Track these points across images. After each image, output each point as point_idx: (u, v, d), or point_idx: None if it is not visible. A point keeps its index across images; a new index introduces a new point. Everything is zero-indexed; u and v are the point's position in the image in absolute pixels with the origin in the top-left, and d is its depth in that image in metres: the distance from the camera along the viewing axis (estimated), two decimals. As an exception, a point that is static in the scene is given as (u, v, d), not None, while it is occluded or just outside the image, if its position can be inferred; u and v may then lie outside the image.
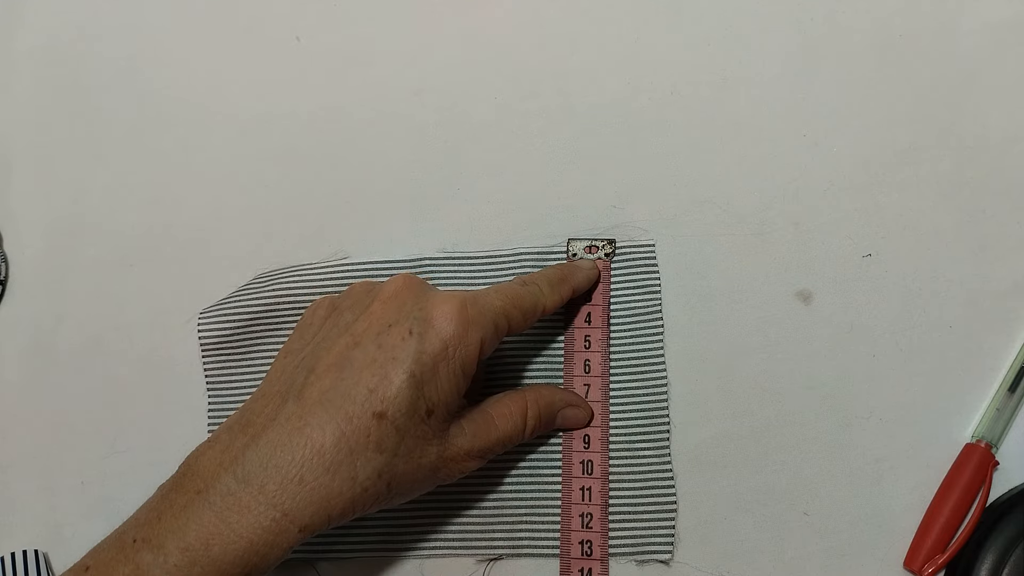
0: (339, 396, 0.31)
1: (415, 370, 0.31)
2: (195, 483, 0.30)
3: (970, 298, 0.39)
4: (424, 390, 0.31)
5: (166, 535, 0.29)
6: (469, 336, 0.32)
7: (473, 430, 0.34)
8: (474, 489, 0.38)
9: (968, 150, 0.40)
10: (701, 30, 0.43)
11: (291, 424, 0.30)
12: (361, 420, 0.30)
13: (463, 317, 0.32)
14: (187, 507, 0.29)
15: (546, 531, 0.37)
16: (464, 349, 0.32)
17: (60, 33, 0.47)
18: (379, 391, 0.31)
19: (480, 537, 0.38)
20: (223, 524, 0.29)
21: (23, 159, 0.46)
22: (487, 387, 0.39)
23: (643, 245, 0.40)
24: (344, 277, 0.41)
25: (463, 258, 0.41)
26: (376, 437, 0.30)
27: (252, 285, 0.42)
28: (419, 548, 0.38)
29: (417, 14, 0.45)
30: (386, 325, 0.32)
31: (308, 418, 0.30)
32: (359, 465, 0.30)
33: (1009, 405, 0.37)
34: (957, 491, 0.36)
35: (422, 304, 0.33)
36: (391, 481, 0.31)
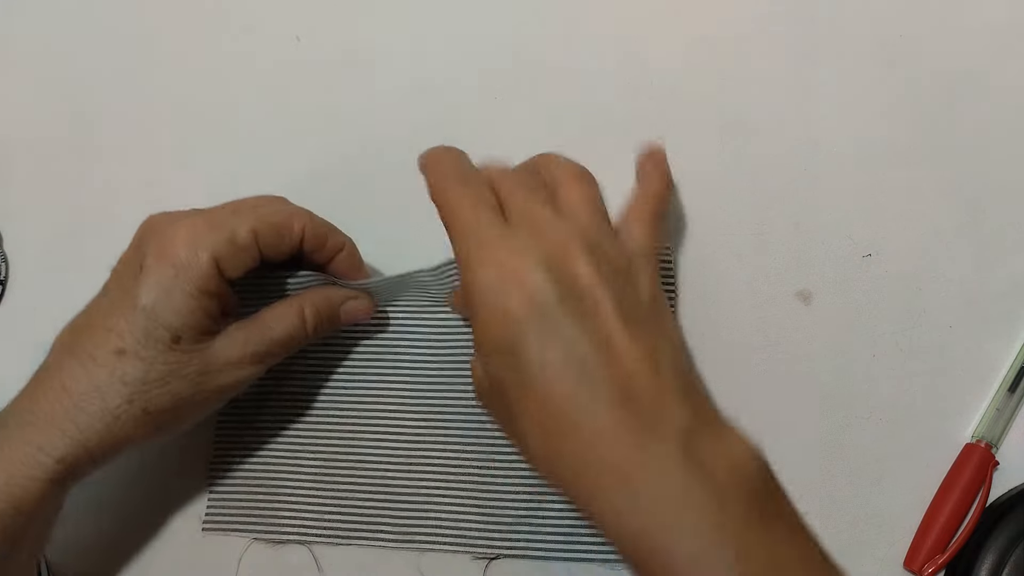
0: (84, 340, 0.33)
1: (145, 302, 0.33)
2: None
3: (970, 298, 0.39)
4: (161, 319, 0.33)
5: None
6: (199, 254, 0.33)
7: (244, 337, 0.35)
8: (475, 486, 0.38)
9: (968, 150, 0.40)
10: (701, 30, 0.43)
11: (47, 374, 0.34)
12: (104, 358, 0.33)
13: (191, 239, 0.33)
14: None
15: (546, 532, 0.37)
16: (196, 269, 0.33)
17: (60, 33, 0.47)
18: (116, 329, 0.33)
19: (478, 535, 0.38)
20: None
21: (23, 159, 0.46)
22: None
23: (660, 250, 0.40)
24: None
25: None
26: (120, 372, 0.33)
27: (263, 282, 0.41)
28: (417, 541, 0.38)
29: (417, 14, 0.45)
30: (125, 266, 0.35)
31: (61, 365, 0.33)
32: (108, 398, 0.33)
33: (1009, 405, 0.37)
34: (957, 491, 0.36)
35: (156, 237, 0.34)
36: (147, 406, 0.33)
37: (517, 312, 0.29)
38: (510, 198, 0.33)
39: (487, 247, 0.31)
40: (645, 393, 0.29)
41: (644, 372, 0.29)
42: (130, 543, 0.40)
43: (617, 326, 0.29)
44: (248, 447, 0.40)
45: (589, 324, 0.29)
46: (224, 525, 0.40)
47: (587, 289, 0.30)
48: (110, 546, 0.40)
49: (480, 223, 0.32)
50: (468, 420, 0.39)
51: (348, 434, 0.40)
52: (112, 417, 0.33)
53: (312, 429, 0.40)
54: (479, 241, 0.31)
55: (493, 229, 0.31)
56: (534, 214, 0.32)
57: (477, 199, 0.32)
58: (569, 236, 0.31)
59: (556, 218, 0.32)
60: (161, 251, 0.33)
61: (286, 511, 0.39)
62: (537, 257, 0.30)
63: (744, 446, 0.29)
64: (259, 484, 0.40)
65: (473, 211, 0.32)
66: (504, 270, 0.30)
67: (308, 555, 0.39)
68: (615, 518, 0.28)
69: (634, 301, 0.31)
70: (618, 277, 0.31)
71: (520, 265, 0.30)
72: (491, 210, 0.32)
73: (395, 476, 0.39)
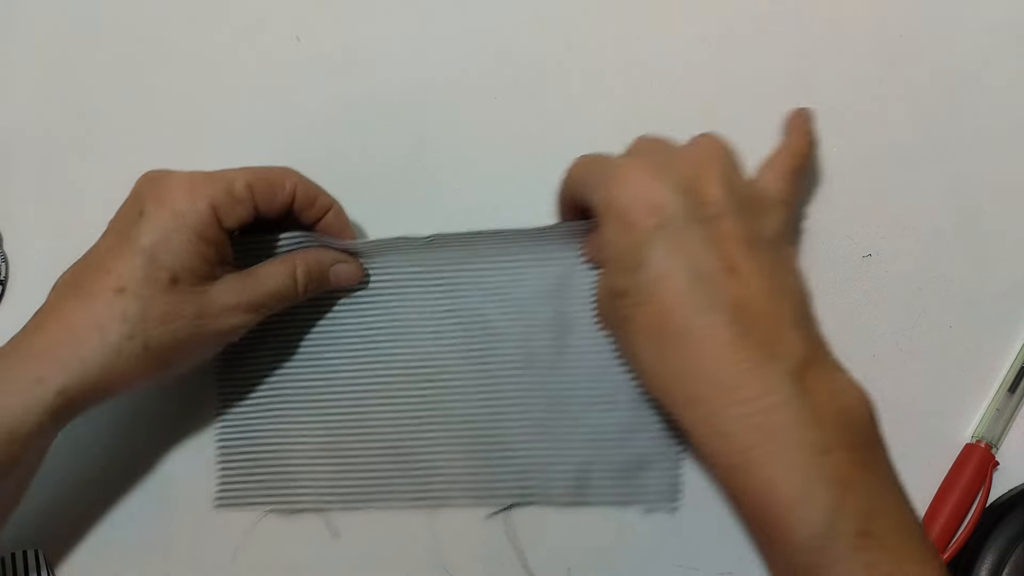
0: (85, 281, 0.34)
1: (145, 243, 0.34)
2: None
3: (970, 298, 0.39)
4: (160, 260, 0.34)
5: None
6: (197, 202, 0.35)
7: (239, 287, 0.36)
8: (484, 439, 0.39)
9: (968, 150, 0.40)
10: (701, 30, 0.43)
11: (47, 312, 0.34)
12: (104, 296, 0.34)
13: (190, 187, 0.35)
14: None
15: (556, 479, 0.38)
16: (195, 215, 0.34)
17: (60, 33, 0.47)
18: (116, 270, 0.34)
19: (490, 487, 0.38)
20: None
21: (23, 159, 0.46)
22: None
23: None
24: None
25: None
26: (120, 308, 0.33)
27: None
28: (431, 498, 0.39)
29: (417, 14, 0.45)
30: (123, 214, 0.36)
31: (61, 304, 0.34)
32: (108, 332, 0.33)
33: (1009, 405, 0.37)
34: (957, 491, 0.36)
35: (155, 186, 0.35)
36: (147, 342, 0.34)
37: (645, 223, 0.31)
38: (640, 144, 0.35)
39: (621, 168, 0.33)
40: (763, 317, 0.30)
41: (764, 296, 0.30)
42: (141, 519, 0.41)
43: (742, 249, 0.30)
44: (254, 419, 0.41)
45: (715, 242, 0.30)
46: (236, 499, 0.40)
47: (716, 209, 0.31)
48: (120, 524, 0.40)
49: (610, 158, 0.34)
50: (473, 375, 0.40)
51: (354, 397, 0.40)
52: (113, 352, 0.33)
53: (318, 395, 0.40)
54: (613, 165, 0.33)
55: (624, 157, 0.34)
56: (667, 148, 0.34)
57: (607, 155, 0.35)
58: (702, 161, 0.32)
59: (688, 149, 0.34)
60: (160, 198, 0.35)
61: (298, 480, 0.40)
62: (670, 175, 0.32)
63: (855, 390, 0.30)
64: (268, 455, 0.40)
65: (602, 157, 0.35)
66: (637, 186, 0.32)
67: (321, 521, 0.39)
68: (717, 439, 0.29)
69: (760, 232, 0.32)
70: (749, 208, 0.32)
71: (653, 180, 0.31)
72: (618, 157, 0.35)
73: (404, 435, 0.39)
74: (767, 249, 0.31)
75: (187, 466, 0.41)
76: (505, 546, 0.38)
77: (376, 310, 0.41)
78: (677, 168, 0.32)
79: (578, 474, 0.38)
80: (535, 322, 0.39)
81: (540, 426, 0.39)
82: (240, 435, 0.41)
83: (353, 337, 0.41)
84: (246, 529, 0.40)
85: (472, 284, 0.40)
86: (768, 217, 0.33)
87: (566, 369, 0.39)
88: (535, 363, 0.39)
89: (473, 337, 0.40)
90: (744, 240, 0.31)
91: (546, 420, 0.39)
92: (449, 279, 0.40)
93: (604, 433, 0.38)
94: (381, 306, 0.41)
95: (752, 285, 0.30)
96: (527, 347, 0.39)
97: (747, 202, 0.32)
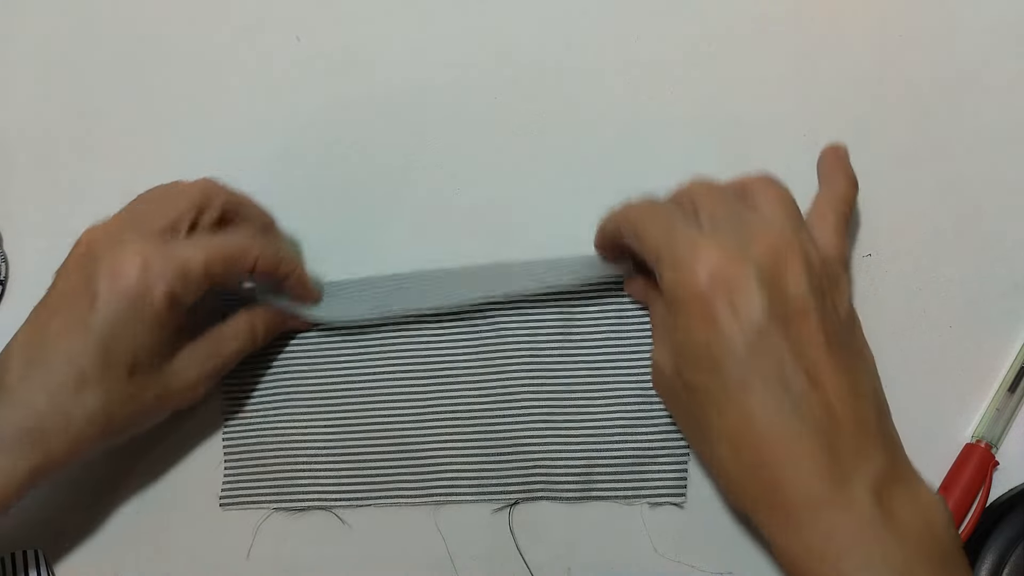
0: (45, 363, 0.34)
1: (102, 333, 0.33)
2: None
3: (970, 298, 0.39)
4: (119, 349, 0.34)
5: None
6: (154, 290, 0.34)
7: (202, 357, 0.37)
8: (488, 435, 0.39)
9: (968, 150, 0.40)
10: (701, 30, 0.43)
11: (14, 392, 0.34)
12: (66, 385, 0.34)
13: (144, 271, 0.34)
14: None
15: (561, 474, 0.38)
16: (151, 306, 0.34)
17: (60, 33, 0.47)
18: (75, 358, 0.33)
19: (495, 482, 0.38)
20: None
21: (23, 159, 0.46)
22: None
23: None
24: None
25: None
26: (83, 400, 0.34)
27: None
28: (436, 495, 0.39)
29: (417, 14, 0.45)
30: (78, 287, 0.34)
31: (25, 385, 0.34)
32: (72, 420, 0.34)
33: (1009, 405, 0.37)
34: (957, 491, 0.36)
35: (107, 265, 0.34)
36: (109, 424, 0.35)
37: (724, 320, 0.29)
38: (703, 202, 0.32)
39: (697, 248, 0.30)
40: (846, 428, 0.29)
41: (847, 405, 0.29)
42: (141, 519, 0.41)
43: (822, 351, 0.29)
44: (259, 418, 0.41)
45: (797, 345, 0.29)
46: (242, 500, 0.40)
47: (798, 306, 0.29)
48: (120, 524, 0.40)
49: (678, 227, 0.31)
50: (478, 370, 0.40)
51: (359, 394, 0.40)
52: (76, 433, 0.34)
53: (323, 393, 0.41)
54: (686, 239, 0.30)
55: (694, 229, 0.31)
56: (736, 214, 0.31)
57: (669, 210, 0.33)
58: (780, 240, 0.30)
59: (760, 219, 0.31)
60: (114, 282, 0.34)
61: (303, 478, 0.40)
62: (751, 263, 0.29)
63: (935, 504, 0.29)
64: (274, 454, 0.40)
65: (667, 218, 0.32)
66: (717, 275, 0.29)
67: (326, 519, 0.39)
68: (798, 549, 0.29)
69: (835, 319, 0.31)
70: (823, 290, 0.31)
71: (734, 271, 0.29)
72: (686, 216, 0.32)
73: (409, 431, 0.39)
74: (845, 344, 0.31)
75: (189, 465, 0.41)
76: (508, 543, 0.38)
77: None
78: (757, 252, 0.30)
79: (584, 469, 0.38)
80: (540, 318, 0.39)
81: (545, 421, 0.39)
82: (245, 434, 0.41)
83: (358, 334, 0.41)
84: (252, 528, 0.40)
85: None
86: (839, 292, 0.32)
87: (571, 363, 0.39)
88: (540, 358, 0.39)
89: (478, 332, 0.40)
90: (825, 341, 0.30)
91: (551, 415, 0.39)
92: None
93: (610, 427, 0.38)
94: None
95: (835, 395, 0.29)
96: (532, 342, 0.39)
97: (821, 283, 0.31)
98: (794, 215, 0.32)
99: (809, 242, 0.31)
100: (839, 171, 0.37)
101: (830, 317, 0.30)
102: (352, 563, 0.39)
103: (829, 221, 0.34)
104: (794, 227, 0.31)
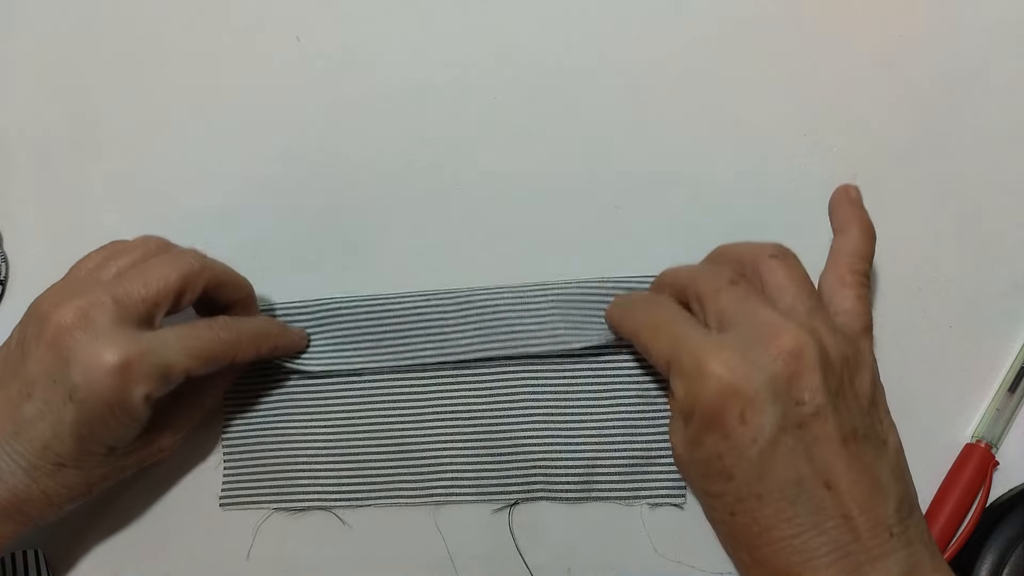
0: (21, 448, 0.33)
1: (78, 432, 0.33)
2: None
3: (970, 298, 0.39)
4: (94, 442, 0.34)
5: None
6: (133, 398, 0.32)
7: (177, 424, 0.37)
8: (488, 435, 0.39)
9: (968, 150, 0.40)
10: (701, 30, 0.43)
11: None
12: (43, 469, 0.33)
13: (124, 380, 0.32)
14: None
15: (561, 474, 0.38)
16: (130, 409, 0.33)
17: (60, 33, 0.47)
18: (52, 447, 0.33)
19: (496, 483, 0.38)
20: None
21: (23, 159, 0.46)
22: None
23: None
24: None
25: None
26: (61, 479, 0.34)
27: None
28: (436, 495, 0.39)
29: (417, 14, 0.45)
30: (50, 380, 0.32)
31: (3, 468, 0.33)
32: (51, 493, 0.34)
33: (1009, 405, 0.37)
34: (957, 491, 0.36)
35: (84, 356, 0.32)
36: (89, 490, 0.36)
37: (738, 437, 0.29)
38: (709, 299, 0.32)
39: (705, 360, 0.29)
40: (862, 534, 0.29)
41: (863, 507, 0.29)
42: (141, 519, 0.40)
43: (838, 452, 0.29)
44: (259, 419, 0.41)
45: (810, 451, 0.29)
46: (242, 500, 0.40)
47: (812, 407, 0.29)
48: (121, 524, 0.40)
49: (685, 335, 0.31)
50: (478, 370, 0.40)
51: (359, 394, 0.40)
52: (58, 501, 0.35)
53: (322, 393, 0.41)
54: (694, 352, 0.30)
55: (700, 336, 0.30)
56: (745, 310, 0.30)
57: (673, 316, 0.32)
58: (793, 342, 0.29)
59: (770, 315, 0.30)
60: (91, 384, 0.32)
61: (303, 479, 0.40)
62: (761, 373, 0.29)
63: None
64: (273, 454, 0.40)
65: (673, 327, 0.32)
66: (726, 389, 0.29)
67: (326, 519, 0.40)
68: None
69: (855, 407, 0.30)
70: (841, 384, 0.30)
71: (743, 384, 0.29)
72: (691, 319, 0.32)
73: (410, 434, 0.39)
74: (865, 434, 0.30)
75: (189, 465, 0.41)
76: (508, 543, 0.38)
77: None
78: (768, 358, 0.29)
79: (584, 469, 0.38)
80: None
81: (546, 423, 0.39)
82: (245, 434, 0.41)
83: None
84: (252, 528, 0.40)
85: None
86: (861, 374, 0.31)
87: (572, 365, 0.39)
88: (541, 360, 0.39)
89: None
90: (840, 439, 0.29)
91: (552, 416, 0.39)
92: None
93: (610, 429, 0.38)
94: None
95: (851, 497, 0.29)
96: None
97: (841, 375, 0.30)
98: (808, 298, 0.31)
99: (827, 330, 0.30)
100: (854, 221, 0.35)
101: (849, 409, 0.30)
102: (352, 563, 0.39)
103: (849, 285, 0.33)
104: (809, 315, 0.30)
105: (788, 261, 0.33)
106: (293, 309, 0.41)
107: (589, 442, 0.38)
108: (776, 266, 0.32)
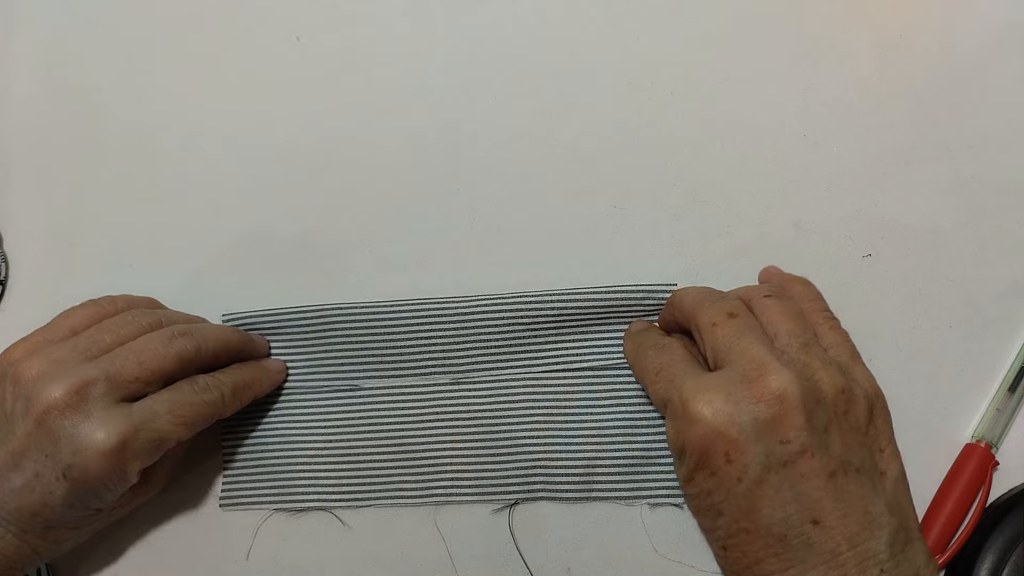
0: (8, 516, 0.33)
1: (71, 503, 0.34)
2: None
3: (970, 298, 0.39)
4: (85, 506, 0.34)
5: None
6: (128, 472, 0.34)
7: (165, 472, 0.38)
8: (488, 436, 0.39)
9: (968, 150, 0.40)
10: (701, 30, 0.43)
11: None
12: (32, 532, 0.34)
13: (120, 459, 0.33)
14: None
15: (561, 474, 0.38)
16: (123, 481, 0.34)
17: (60, 33, 0.47)
18: (42, 514, 0.33)
19: (496, 483, 0.38)
20: None
21: (23, 159, 0.46)
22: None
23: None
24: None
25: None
26: (51, 536, 0.35)
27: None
28: (437, 495, 0.39)
29: (417, 14, 0.45)
30: (41, 454, 0.33)
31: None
32: (40, 550, 0.35)
33: (1009, 405, 0.37)
34: (957, 491, 0.36)
35: (78, 439, 0.32)
36: (80, 539, 0.37)
37: (725, 476, 0.30)
38: (707, 332, 0.33)
39: (693, 403, 0.30)
40: (849, 569, 0.29)
41: (851, 541, 0.29)
42: (141, 519, 0.41)
43: (825, 488, 0.29)
44: (258, 419, 0.41)
45: (797, 488, 0.29)
46: (241, 500, 0.40)
47: (796, 446, 0.30)
48: (121, 524, 0.40)
49: (679, 377, 0.32)
50: (478, 371, 0.40)
51: (359, 394, 0.40)
52: (48, 554, 0.36)
53: (322, 393, 0.41)
54: (684, 396, 0.31)
55: (693, 378, 0.32)
56: (740, 347, 0.31)
57: (672, 359, 0.34)
58: (781, 382, 0.30)
59: (763, 354, 0.31)
60: (86, 466, 0.32)
61: (303, 480, 0.40)
62: (747, 416, 0.30)
63: None
64: (273, 456, 0.40)
65: (670, 369, 0.33)
66: (710, 432, 0.30)
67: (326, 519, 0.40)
68: None
69: (850, 440, 0.31)
70: (832, 415, 0.31)
71: (728, 428, 0.30)
72: (688, 359, 0.33)
73: (410, 435, 0.40)
74: (857, 465, 0.30)
75: (189, 465, 0.41)
76: (508, 543, 0.38)
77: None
78: (753, 399, 0.30)
79: (584, 469, 0.38)
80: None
81: (547, 423, 0.39)
82: (245, 435, 0.41)
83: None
84: (252, 528, 0.40)
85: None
86: (855, 404, 0.31)
87: (573, 366, 0.39)
88: (542, 361, 0.39)
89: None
90: (827, 475, 0.29)
91: (553, 417, 0.39)
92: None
93: (610, 429, 0.38)
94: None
95: (840, 532, 0.29)
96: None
97: (836, 407, 0.31)
98: (803, 332, 0.33)
99: (820, 364, 0.31)
100: (790, 281, 0.37)
101: (844, 441, 0.30)
102: (352, 563, 0.39)
103: (821, 323, 0.35)
104: (803, 350, 0.32)
105: (782, 299, 0.34)
106: (292, 313, 0.41)
107: (589, 442, 0.38)
108: (770, 304, 0.34)
